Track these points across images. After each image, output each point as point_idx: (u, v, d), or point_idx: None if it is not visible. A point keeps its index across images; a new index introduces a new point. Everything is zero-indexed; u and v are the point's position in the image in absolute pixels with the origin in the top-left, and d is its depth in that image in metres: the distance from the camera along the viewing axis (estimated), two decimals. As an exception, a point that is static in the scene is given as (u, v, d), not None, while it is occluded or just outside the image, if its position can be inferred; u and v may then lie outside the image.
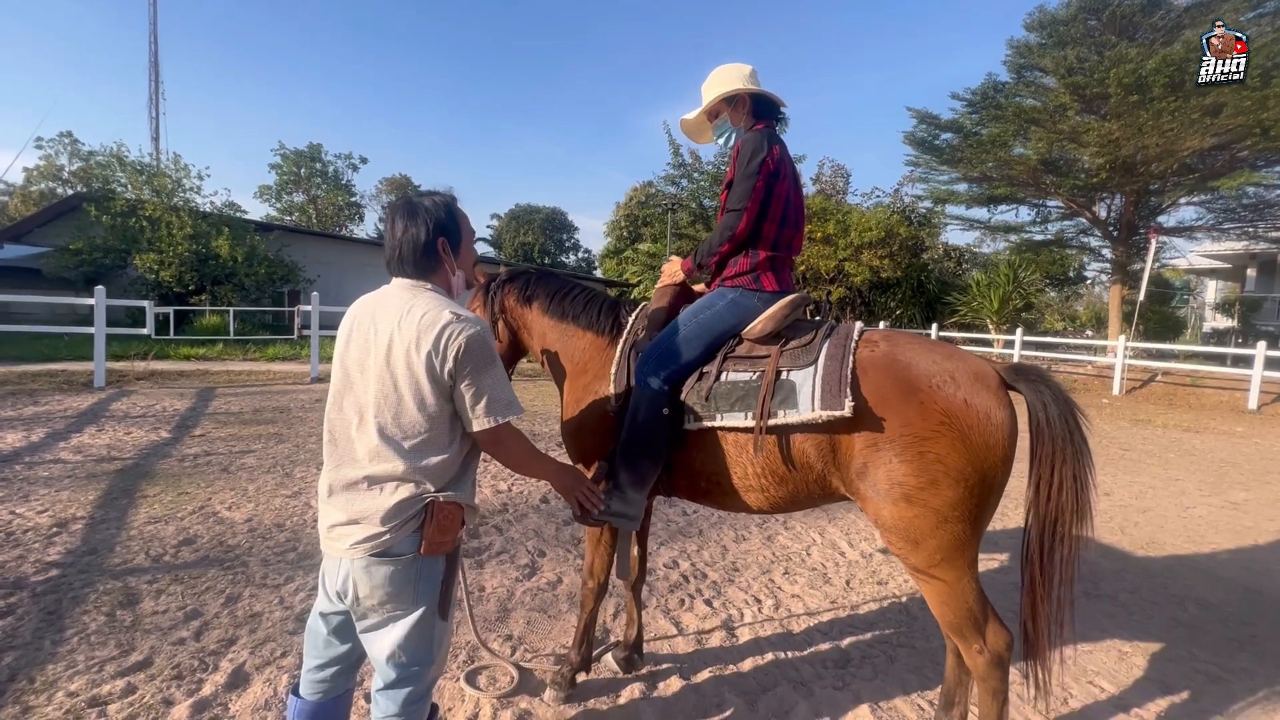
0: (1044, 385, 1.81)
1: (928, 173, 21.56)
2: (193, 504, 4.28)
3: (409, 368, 1.44)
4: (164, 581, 3.13)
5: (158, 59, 32.62)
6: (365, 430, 1.48)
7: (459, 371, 1.46)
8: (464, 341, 1.45)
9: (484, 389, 1.48)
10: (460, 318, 1.47)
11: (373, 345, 1.50)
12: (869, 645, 2.86)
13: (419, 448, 1.47)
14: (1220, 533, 4.72)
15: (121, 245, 18.09)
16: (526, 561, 3.60)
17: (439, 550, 1.49)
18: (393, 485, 1.46)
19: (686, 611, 3.12)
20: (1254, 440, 8.86)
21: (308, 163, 40.17)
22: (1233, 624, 3.21)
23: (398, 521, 1.44)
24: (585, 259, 54.88)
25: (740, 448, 1.99)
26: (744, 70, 2.32)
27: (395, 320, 1.47)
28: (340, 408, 1.53)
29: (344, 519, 1.47)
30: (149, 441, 5.99)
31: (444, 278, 1.60)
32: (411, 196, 1.61)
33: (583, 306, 2.45)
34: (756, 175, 2.11)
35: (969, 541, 1.76)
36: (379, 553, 1.44)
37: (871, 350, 1.91)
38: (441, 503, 1.48)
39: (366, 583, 1.45)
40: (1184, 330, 25.12)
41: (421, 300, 1.50)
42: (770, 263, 2.21)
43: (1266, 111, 13.44)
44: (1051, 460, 1.77)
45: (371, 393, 1.48)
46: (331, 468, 1.52)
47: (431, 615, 1.50)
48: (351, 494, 1.47)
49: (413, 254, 1.55)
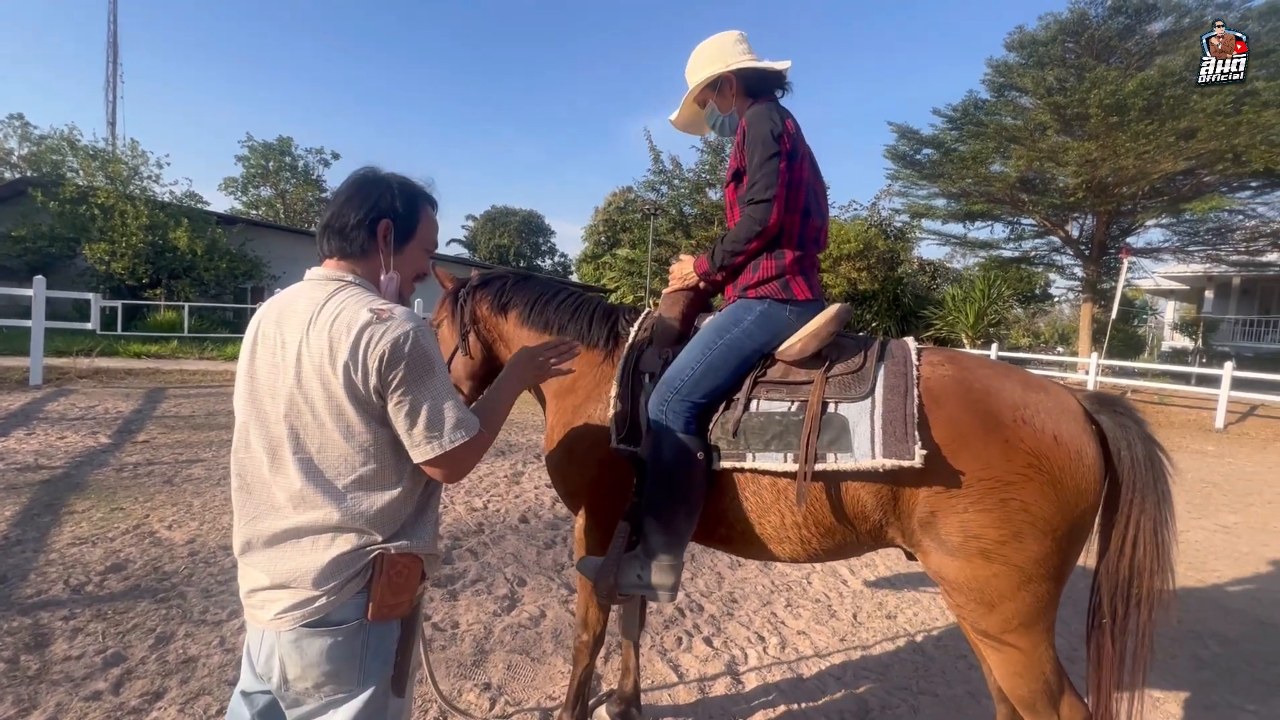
0: (1130, 420, 1.55)
1: (907, 187, 21.78)
2: (127, 522, 3.82)
3: (324, 387, 1.12)
4: (83, 618, 2.70)
5: (116, 39, 31.18)
6: (282, 470, 1.14)
7: (386, 386, 1.12)
8: (388, 346, 1.11)
9: (420, 406, 1.14)
10: (383, 315, 1.13)
11: (281, 361, 1.15)
12: (887, 693, 2.59)
13: (356, 487, 1.14)
14: (1220, 559, 4.61)
15: (70, 234, 17.10)
16: (505, 592, 3.25)
17: (392, 614, 1.16)
18: (327, 537, 1.13)
19: (685, 652, 2.81)
20: (1227, 460, 8.94)
21: (276, 156, 38.83)
22: (1258, 663, 3.04)
23: (336, 583, 1.12)
24: (562, 263, 54.35)
25: (777, 494, 1.67)
26: (726, 41, 1.95)
27: (303, 326, 1.14)
28: (248, 444, 1.18)
29: (267, 582, 1.14)
30: (84, 448, 5.45)
31: (373, 270, 1.27)
32: (380, 171, 1.29)
33: (570, 314, 2.09)
34: (778, 155, 1.75)
35: (1052, 603, 1.50)
36: (313, 622, 1.11)
37: (938, 373, 1.61)
38: (393, 555, 1.15)
39: (297, 661, 1.11)
40: (1145, 349, 25.87)
41: (336, 298, 1.16)
42: (799, 265, 1.86)
43: (1238, 137, 13.83)
44: (1130, 508, 1.51)
45: (285, 423, 1.14)
46: (246, 520, 1.18)
47: (384, 695, 1.17)
48: (275, 551, 1.14)
49: (343, 226, 1.23)
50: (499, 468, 5.71)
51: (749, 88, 1.95)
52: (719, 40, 1.97)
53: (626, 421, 1.82)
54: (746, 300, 1.87)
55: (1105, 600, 1.56)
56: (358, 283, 1.22)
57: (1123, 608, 1.54)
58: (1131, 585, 1.53)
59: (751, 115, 1.84)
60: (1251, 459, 9.05)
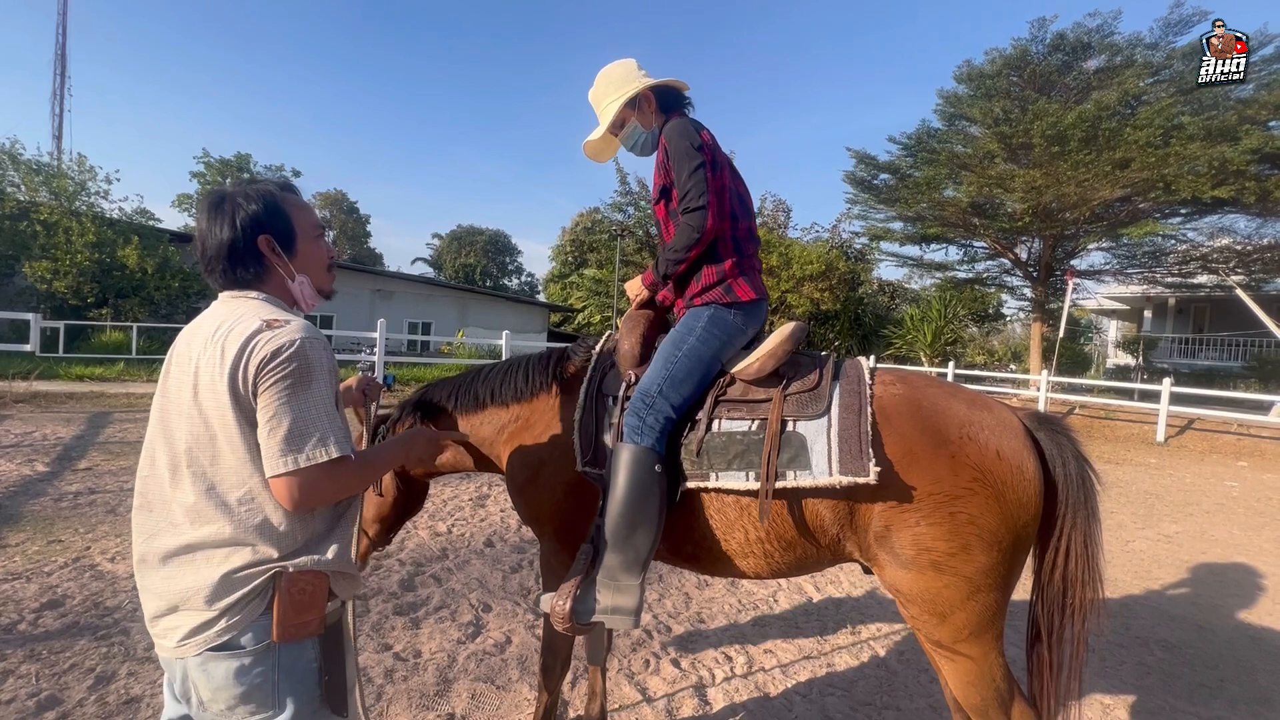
0: (1065, 438, 1.64)
1: (866, 210, 22.53)
2: (66, 554, 3.62)
3: (215, 396, 1.11)
4: (15, 659, 2.54)
5: (65, 50, 30.18)
6: (180, 484, 1.13)
7: (257, 389, 1.10)
8: (270, 350, 1.09)
9: (285, 415, 1.09)
10: (274, 325, 1.13)
11: (185, 377, 1.15)
12: (852, 708, 2.62)
13: (249, 501, 1.12)
14: (1163, 567, 4.82)
15: (9, 251, 16.28)
16: (470, 619, 3.19)
17: (300, 634, 1.14)
18: (222, 553, 1.11)
19: (653, 674, 2.80)
20: (1168, 472, 9.38)
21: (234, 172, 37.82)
22: (1199, 667, 3.18)
23: (230, 601, 1.10)
24: (529, 282, 54.21)
25: (740, 511, 1.70)
26: (630, 66, 2.03)
27: (205, 341, 1.15)
28: (153, 461, 1.17)
29: (163, 606, 1.11)
30: (19, 477, 5.15)
31: (278, 284, 1.26)
32: (221, 188, 1.26)
33: (500, 379, 2.08)
34: (702, 165, 1.84)
35: (999, 612, 1.56)
36: (217, 646, 1.09)
37: (889, 392, 1.68)
38: (293, 573, 1.13)
39: (206, 684, 1.10)
40: (1091, 366, 27.08)
41: (237, 312, 1.17)
42: (738, 268, 1.93)
43: (1168, 167, 14.76)
44: (1063, 522, 1.59)
45: (183, 435, 1.13)
46: (144, 538, 1.15)
47: (311, 715, 1.15)
48: (168, 570, 1.12)
49: (222, 259, 1.21)
50: (464, 491, 5.62)
51: (663, 103, 2.05)
52: (621, 66, 2.04)
53: (592, 443, 1.83)
54: (695, 309, 1.93)
55: (1042, 611, 1.64)
56: (262, 297, 1.22)
57: (1058, 617, 1.62)
58: (1065, 596, 1.61)
59: (670, 131, 1.92)
60: (1190, 470, 9.52)
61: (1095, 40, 16.75)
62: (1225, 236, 18.62)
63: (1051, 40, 17.14)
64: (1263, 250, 17.95)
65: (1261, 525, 6.26)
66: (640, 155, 2.13)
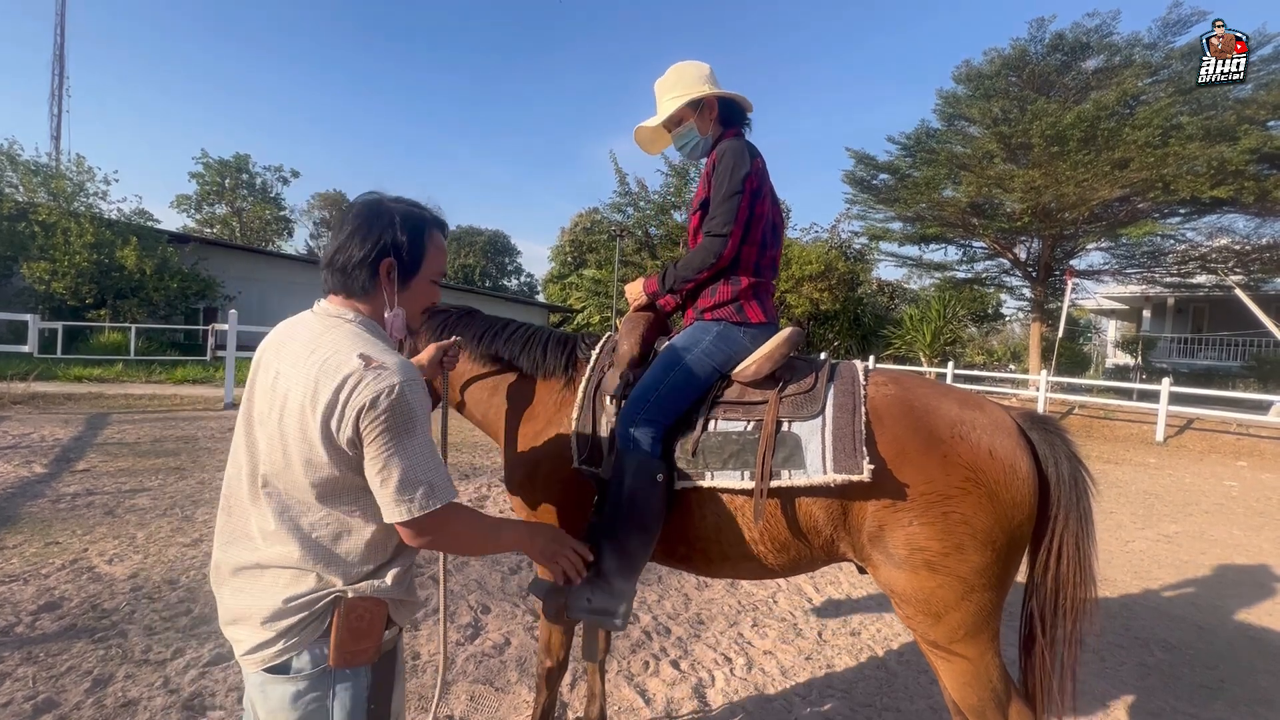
0: (1058, 438, 1.63)
1: (865, 210, 22.52)
2: (63, 556, 3.61)
3: (302, 427, 1.09)
4: (12, 661, 2.53)
5: (63, 51, 30.13)
6: (258, 502, 1.13)
7: (363, 440, 1.09)
8: (369, 397, 1.07)
9: (394, 466, 1.09)
10: (372, 364, 1.09)
11: (272, 392, 1.14)
12: (852, 710, 2.62)
13: (322, 527, 1.13)
14: (1163, 568, 4.81)
15: (8, 252, 16.28)
16: (469, 620, 3.18)
17: (356, 661, 1.14)
18: (289, 575, 1.11)
19: (652, 676, 2.79)
20: (1167, 472, 9.39)
21: (233, 173, 37.91)
22: (1199, 668, 3.18)
23: (288, 624, 1.10)
24: (528, 283, 54.24)
25: (735, 511, 1.70)
26: (704, 69, 2.03)
27: (297, 361, 1.13)
28: (239, 467, 1.18)
29: (229, 617, 1.13)
30: (17, 478, 5.14)
31: (378, 306, 1.24)
32: (384, 198, 1.25)
33: (520, 346, 2.06)
34: (741, 194, 1.85)
35: (995, 612, 1.55)
36: (273, 668, 1.10)
37: (882, 393, 1.68)
38: (352, 600, 1.13)
39: (264, 705, 1.11)
40: (1090, 366, 27.10)
41: (332, 336, 1.14)
42: (753, 290, 1.95)
43: (1166, 167, 14.76)
44: (1055, 523, 1.58)
45: (263, 453, 1.13)
46: (221, 544, 1.17)
47: None
48: (237, 583, 1.14)
49: (345, 264, 1.19)
50: (464, 491, 5.61)
51: (724, 115, 2.04)
52: (696, 66, 2.04)
53: (589, 442, 1.83)
54: (704, 322, 1.93)
55: (1035, 611, 1.63)
56: (359, 321, 1.19)
57: (1051, 617, 1.61)
58: (1058, 596, 1.60)
59: (724, 150, 1.92)
60: (1190, 470, 9.52)
61: (1094, 40, 16.75)
62: (1224, 236, 18.62)
63: (1050, 40, 17.13)
64: (1261, 250, 17.95)
65: (1261, 525, 6.26)
66: (688, 158, 2.14)
